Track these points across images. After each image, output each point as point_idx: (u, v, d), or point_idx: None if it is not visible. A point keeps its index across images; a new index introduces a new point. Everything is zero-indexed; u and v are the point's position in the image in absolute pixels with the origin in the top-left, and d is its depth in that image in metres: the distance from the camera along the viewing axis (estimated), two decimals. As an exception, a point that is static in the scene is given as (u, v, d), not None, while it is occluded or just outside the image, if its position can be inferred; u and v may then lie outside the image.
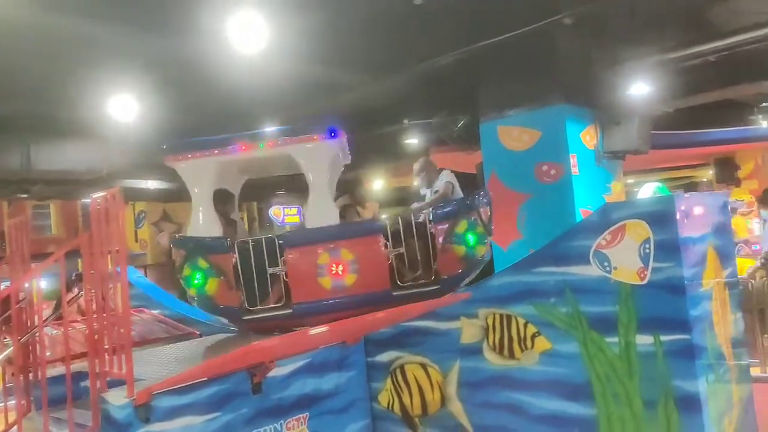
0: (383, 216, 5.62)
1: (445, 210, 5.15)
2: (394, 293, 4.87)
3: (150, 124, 8.46)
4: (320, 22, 5.74)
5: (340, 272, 4.85)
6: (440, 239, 5.02)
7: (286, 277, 4.92)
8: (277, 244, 5.02)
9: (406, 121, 8.75)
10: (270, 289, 5.04)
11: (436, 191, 5.65)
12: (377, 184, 14.26)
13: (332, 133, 5.02)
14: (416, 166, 6.00)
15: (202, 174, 5.30)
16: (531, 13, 6.01)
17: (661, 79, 7.36)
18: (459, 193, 5.56)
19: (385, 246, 4.93)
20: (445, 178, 5.68)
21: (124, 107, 8.02)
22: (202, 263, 5.14)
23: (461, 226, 5.02)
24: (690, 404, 3.59)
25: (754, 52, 7.05)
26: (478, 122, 7.78)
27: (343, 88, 8.02)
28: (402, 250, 4.97)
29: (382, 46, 6.56)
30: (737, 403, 4.29)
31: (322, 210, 5.08)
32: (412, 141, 9.39)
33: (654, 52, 7.07)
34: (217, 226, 5.34)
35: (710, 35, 7.02)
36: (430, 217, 5.07)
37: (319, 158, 5.10)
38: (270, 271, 4.96)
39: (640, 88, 7.30)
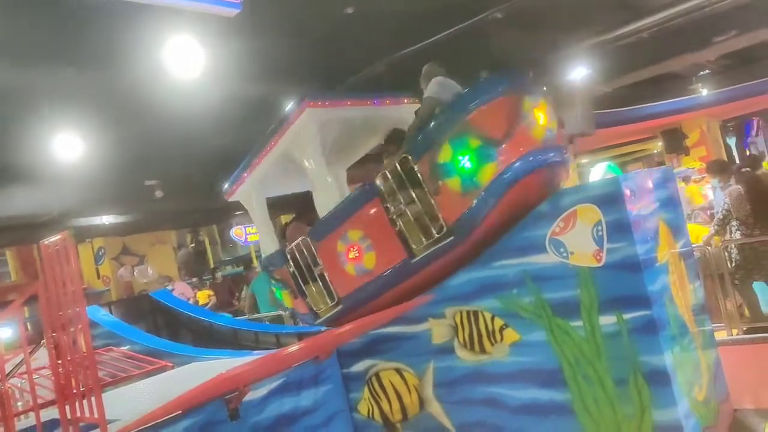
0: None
1: (421, 136, 4.20)
2: (413, 261, 4.26)
3: (97, 160, 8.31)
4: (255, 40, 5.73)
5: (357, 256, 4.48)
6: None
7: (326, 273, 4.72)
8: (311, 242, 4.74)
9: None
10: (325, 289, 4.77)
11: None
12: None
13: None
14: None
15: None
16: (462, 11, 6.10)
17: (598, 61, 7.54)
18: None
19: (386, 210, 4.24)
20: (429, 91, 4.56)
21: (68, 146, 7.86)
22: (273, 280, 5.35)
23: (444, 153, 3.99)
24: (659, 378, 3.68)
25: (685, 25, 7.28)
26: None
27: (284, 104, 8.01)
28: (403, 207, 4.19)
29: (319, 58, 6.58)
30: (705, 370, 4.41)
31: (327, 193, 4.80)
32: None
33: (588, 36, 7.23)
34: (273, 239, 5.39)
35: (641, 12, 7.21)
36: (410, 154, 4.14)
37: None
38: (316, 271, 4.75)
39: (579, 72, 7.46)
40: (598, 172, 7.33)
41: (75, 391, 3.75)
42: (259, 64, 6.27)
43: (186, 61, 5.37)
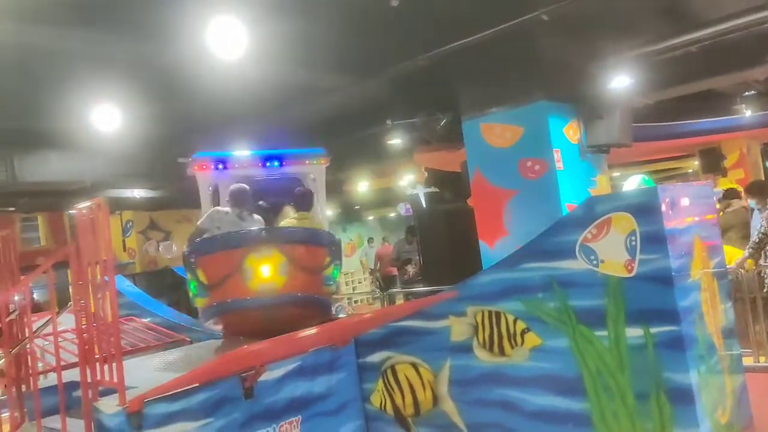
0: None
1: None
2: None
3: (133, 133, 8.40)
4: (298, 26, 5.71)
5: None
6: None
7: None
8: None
9: (388, 122, 8.70)
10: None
11: None
12: (362, 185, 14.24)
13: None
14: None
15: None
16: (508, 10, 6.01)
17: (642, 72, 7.37)
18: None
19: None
20: (201, 220, 5.88)
21: (106, 117, 7.96)
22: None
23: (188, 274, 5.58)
24: (682, 396, 3.59)
25: (735, 42, 7.07)
26: (460, 120, 7.76)
27: (323, 90, 7.98)
28: None
29: (361, 48, 6.54)
30: (730, 393, 4.30)
31: None
32: (396, 141, 9.36)
33: (634, 45, 7.07)
34: None
35: (691, 26, 7.03)
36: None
37: None
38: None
39: (622, 81, 7.31)
40: (632, 183, 7.19)
41: (97, 356, 3.82)
42: (301, 49, 6.26)
43: (228, 42, 5.38)
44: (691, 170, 18.79)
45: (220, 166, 6.39)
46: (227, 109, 8.13)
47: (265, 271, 4.88)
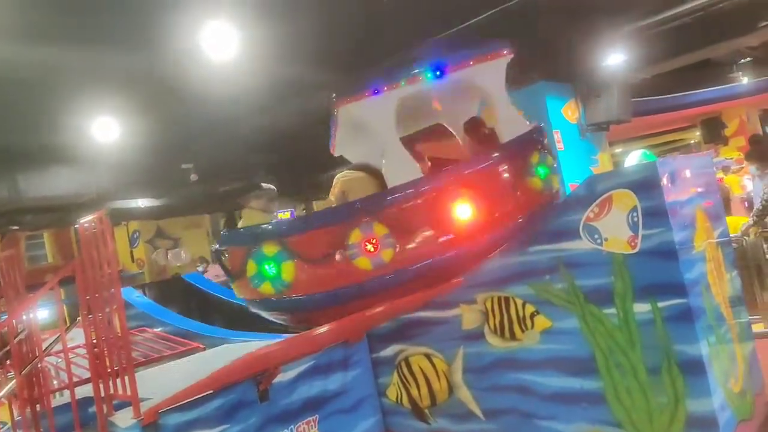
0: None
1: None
2: None
3: (134, 143, 8.45)
4: (290, 23, 5.73)
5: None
6: None
7: None
8: None
9: None
10: None
11: None
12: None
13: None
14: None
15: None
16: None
17: (638, 47, 7.36)
18: None
19: None
20: None
21: (106, 128, 8.01)
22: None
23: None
24: (694, 367, 3.60)
25: (727, 11, 7.05)
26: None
27: (321, 86, 8.02)
28: None
29: (353, 41, 6.55)
30: (741, 361, 4.31)
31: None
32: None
33: (628, 20, 7.06)
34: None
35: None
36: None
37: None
38: None
39: (617, 57, 7.30)
40: (633, 159, 7.18)
41: (109, 370, 3.85)
42: (293, 47, 6.29)
43: (222, 44, 5.41)
44: (693, 141, 18.71)
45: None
46: (226, 110, 8.16)
47: None
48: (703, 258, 4.02)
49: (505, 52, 4.93)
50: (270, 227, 5.07)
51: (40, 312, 5.85)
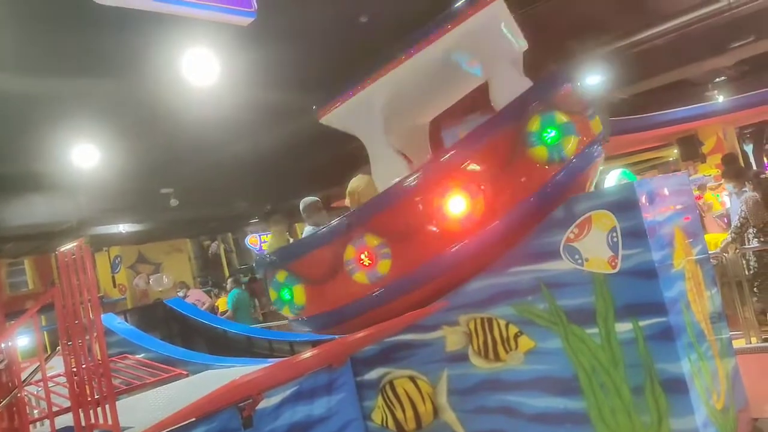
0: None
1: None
2: None
3: (114, 168, 8.42)
4: (269, 49, 5.78)
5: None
6: None
7: None
8: None
9: None
10: None
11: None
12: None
13: None
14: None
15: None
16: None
17: (614, 67, 7.51)
18: None
19: None
20: None
21: (85, 155, 7.97)
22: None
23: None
24: (676, 386, 3.63)
25: (702, 31, 7.23)
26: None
27: (303, 110, 8.07)
28: None
29: (331, 66, 6.61)
30: (724, 377, 4.34)
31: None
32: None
33: (604, 42, 7.21)
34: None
35: (657, 18, 7.17)
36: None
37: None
38: None
39: (594, 78, 7.43)
40: (612, 178, 7.27)
41: (89, 399, 3.78)
42: (273, 72, 6.34)
43: (202, 71, 5.43)
44: (671, 158, 19.00)
45: None
46: (205, 136, 8.17)
47: None
48: (682, 276, 4.07)
49: None
50: (275, 255, 5.11)
51: (20, 340, 5.75)
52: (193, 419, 3.98)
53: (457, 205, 4.17)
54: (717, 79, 12.71)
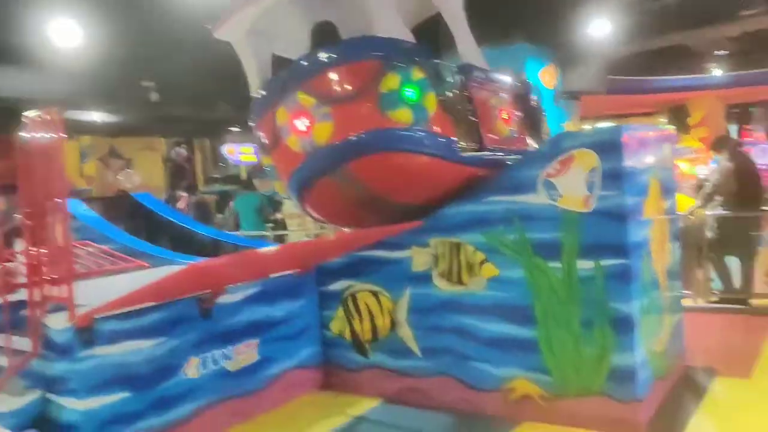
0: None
1: None
2: None
3: (94, 51, 8.08)
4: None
5: None
6: None
7: None
8: None
9: None
10: None
11: None
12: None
13: None
14: None
15: None
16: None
17: (621, 20, 7.39)
18: None
19: None
20: None
21: (65, 32, 7.63)
22: None
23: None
24: (623, 324, 3.78)
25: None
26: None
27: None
28: None
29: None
30: (668, 326, 4.53)
31: None
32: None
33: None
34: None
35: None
36: None
37: None
38: None
39: (600, 27, 7.31)
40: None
41: (47, 278, 3.71)
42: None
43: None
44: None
45: None
46: (195, 34, 7.85)
47: None
48: (649, 225, 4.15)
49: None
50: None
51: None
52: (152, 303, 3.97)
53: None
54: (718, 52, 12.64)
